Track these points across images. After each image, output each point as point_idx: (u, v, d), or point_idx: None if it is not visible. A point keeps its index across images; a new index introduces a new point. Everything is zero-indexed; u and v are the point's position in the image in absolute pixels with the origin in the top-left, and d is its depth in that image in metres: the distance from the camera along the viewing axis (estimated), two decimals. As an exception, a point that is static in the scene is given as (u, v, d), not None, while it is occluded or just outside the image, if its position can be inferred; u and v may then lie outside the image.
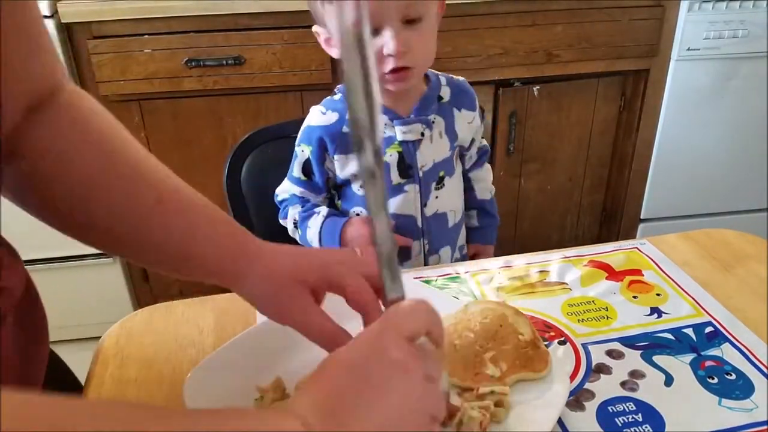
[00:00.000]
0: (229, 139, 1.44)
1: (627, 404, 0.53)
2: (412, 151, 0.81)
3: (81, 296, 1.57)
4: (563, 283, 0.70)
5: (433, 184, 0.84)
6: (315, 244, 0.82)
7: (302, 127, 0.83)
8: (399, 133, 0.80)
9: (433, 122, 0.82)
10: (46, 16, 1.27)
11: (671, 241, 0.77)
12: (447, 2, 0.78)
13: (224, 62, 1.35)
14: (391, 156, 0.81)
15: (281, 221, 0.87)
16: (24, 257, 1.54)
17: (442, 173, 0.84)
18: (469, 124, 0.86)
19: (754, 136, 1.64)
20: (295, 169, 0.85)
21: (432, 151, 0.82)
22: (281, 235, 0.94)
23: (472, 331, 0.57)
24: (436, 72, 0.85)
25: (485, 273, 0.72)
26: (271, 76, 1.38)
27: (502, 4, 1.38)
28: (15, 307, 0.49)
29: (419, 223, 0.84)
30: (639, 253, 0.75)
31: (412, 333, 0.38)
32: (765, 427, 0.51)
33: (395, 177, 0.81)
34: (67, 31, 1.31)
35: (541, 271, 0.72)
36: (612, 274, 0.71)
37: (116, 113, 1.52)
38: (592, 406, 0.53)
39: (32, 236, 1.60)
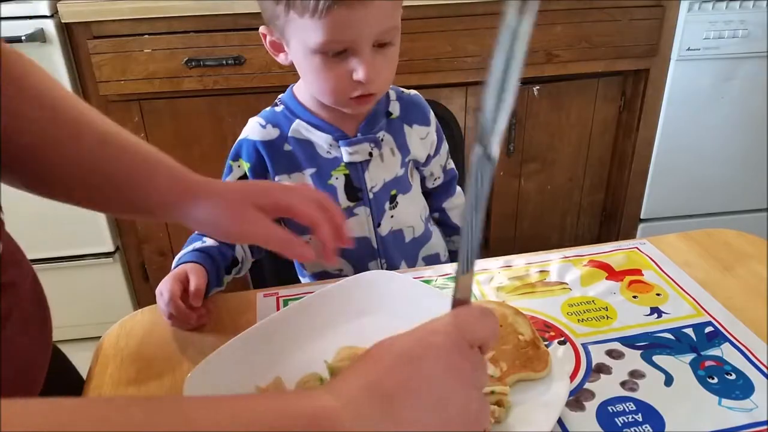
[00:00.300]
0: (228, 139, 1.43)
1: (627, 404, 0.53)
2: (360, 172, 0.76)
3: (81, 296, 1.57)
4: (563, 283, 0.70)
5: (387, 204, 0.79)
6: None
7: (238, 140, 0.77)
8: (345, 154, 0.75)
9: (382, 140, 0.77)
10: (46, 16, 1.28)
11: (671, 241, 0.77)
12: (447, 2, 0.77)
13: (224, 62, 1.35)
14: (337, 179, 0.76)
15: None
16: (24, 257, 1.47)
17: (394, 192, 0.80)
18: (422, 140, 0.81)
19: (754, 136, 1.64)
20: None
21: (382, 171, 0.78)
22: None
23: (472, 331, 0.57)
24: (391, 87, 0.80)
25: (485, 273, 0.72)
26: (271, 77, 1.38)
27: (502, 4, 1.38)
28: (21, 303, 0.50)
29: (374, 244, 0.80)
30: (639, 253, 0.75)
31: (476, 341, 0.38)
32: (765, 427, 0.51)
33: (343, 200, 0.77)
34: (67, 31, 1.32)
35: (541, 271, 0.72)
36: (612, 274, 0.71)
37: (116, 113, 1.53)
38: (592, 406, 0.53)
39: (33, 236, 1.60)
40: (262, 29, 0.72)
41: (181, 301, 0.63)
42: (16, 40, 1.25)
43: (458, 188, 0.91)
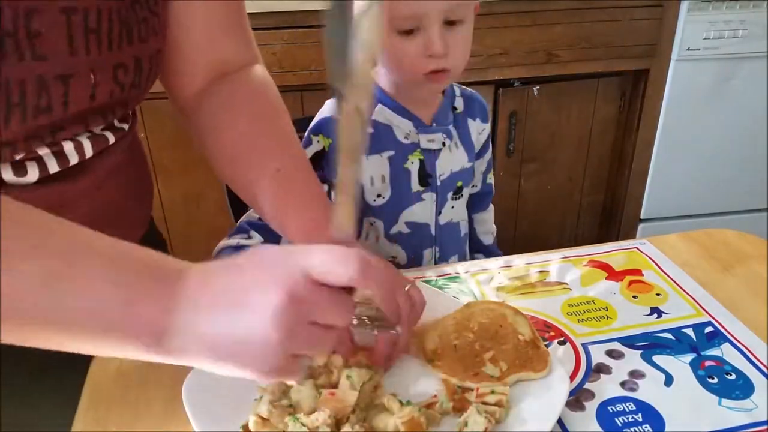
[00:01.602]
0: (229, 139, 1.43)
1: (627, 404, 0.53)
2: (432, 160, 0.81)
3: (81, 296, 1.57)
4: (563, 283, 0.70)
5: (450, 194, 0.84)
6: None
7: (320, 116, 0.81)
8: (423, 140, 0.79)
9: (452, 132, 0.82)
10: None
11: (671, 241, 0.77)
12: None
13: (224, 62, 1.35)
14: (413, 163, 0.80)
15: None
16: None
17: (460, 183, 0.84)
18: (479, 135, 0.87)
19: (754, 136, 1.64)
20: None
21: (450, 161, 0.82)
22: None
23: (471, 331, 0.57)
24: (455, 83, 0.85)
25: (485, 273, 0.72)
26: (271, 76, 1.38)
27: (502, 4, 1.39)
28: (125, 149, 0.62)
29: (432, 232, 0.84)
30: (639, 253, 0.75)
31: (326, 281, 0.38)
32: (765, 427, 0.51)
33: (415, 185, 0.81)
34: (67, 31, 1.31)
35: (540, 271, 0.72)
36: (612, 274, 0.71)
37: (117, 113, 1.46)
38: (592, 406, 0.53)
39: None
40: None
41: None
42: (17, 40, 1.25)
43: (491, 206, 0.96)
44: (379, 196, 0.81)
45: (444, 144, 0.81)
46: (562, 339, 0.61)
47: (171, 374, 0.57)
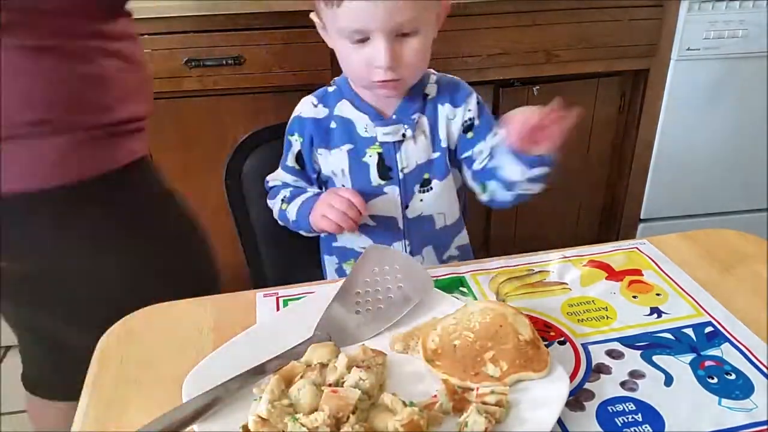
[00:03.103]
0: (229, 138, 1.43)
1: (627, 404, 0.53)
2: (392, 152, 0.80)
3: (81, 296, 1.57)
4: (563, 283, 0.70)
5: (417, 186, 0.82)
6: (291, 214, 0.83)
7: (293, 116, 0.84)
8: (379, 134, 0.79)
9: (417, 122, 0.80)
10: (46, 16, 1.28)
11: (671, 241, 0.77)
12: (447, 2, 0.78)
13: (224, 62, 1.35)
14: (371, 157, 0.80)
15: (269, 202, 0.88)
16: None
17: (427, 175, 0.82)
18: (450, 120, 0.81)
19: (754, 136, 1.64)
20: (289, 159, 0.85)
21: (415, 152, 0.81)
22: (281, 235, 0.95)
23: (471, 331, 0.57)
24: (434, 71, 0.83)
25: (485, 273, 0.72)
26: (271, 76, 1.38)
27: (502, 4, 1.38)
28: None
29: (400, 225, 0.83)
30: (639, 253, 0.75)
31: None
32: (765, 427, 0.51)
33: (375, 178, 0.81)
34: (67, 31, 1.32)
35: (540, 271, 0.72)
36: (612, 274, 0.71)
37: (116, 113, 1.45)
38: (591, 406, 0.53)
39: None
40: (312, 15, 0.78)
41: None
42: (17, 40, 1.25)
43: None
44: (342, 186, 0.83)
45: (404, 136, 0.79)
46: (562, 339, 0.61)
47: (171, 374, 0.57)
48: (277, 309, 0.67)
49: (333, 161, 0.82)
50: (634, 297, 0.67)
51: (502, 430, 0.50)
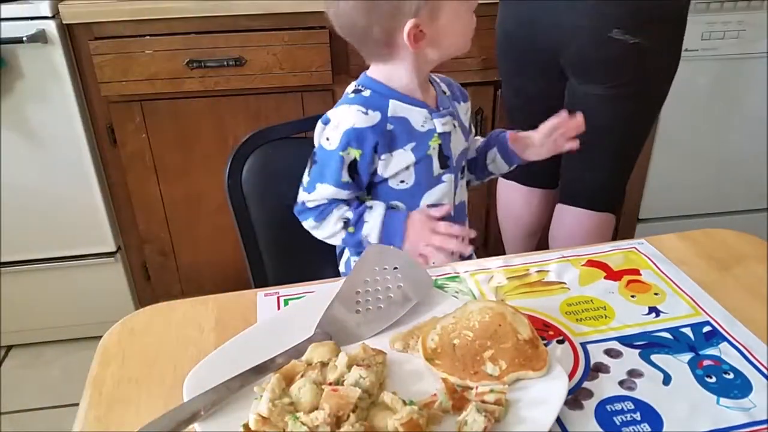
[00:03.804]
0: (230, 139, 1.44)
1: (625, 403, 0.54)
2: (447, 142, 0.84)
3: (82, 296, 1.57)
4: (562, 283, 0.70)
5: (460, 173, 0.88)
6: (373, 238, 0.81)
7: (343, 130, 0.79)
8: (438, 125, 0.82)
9: (455, 113, 0.86)
10: (47, 17, 1.28)
11: (669, 240, 0.77)
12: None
13: (225, 63, 1.35)
14: (433, 148, 0.83)
15: (313, 224, 0.84)
16: (26, 257, 1.57)
17: (464, 163, 0.89)
18: (465, 115, 0.90)
19: (752, 136, 1.64)
20: (343, 174, 0.80)
21: (458, 141, 0.86)
22: (281, 235, 0.95)
23: (471, 330, 0.57)
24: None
25: (484, 272, 0.72)
26: (272, 77, 1.39)
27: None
28: None
29: (451, 212, 0.87)
30: (637, 253, 0.75)
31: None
32: (763, 426, 0.51)
33: (436, 168, 0.83)
34: (68, 31, 1.32)
35: (539, 271, 0.72)
36: (610, 273, 0.72)
37: (118, 114, 1.54)
38: (590, 405, 0.54)
39: (34, 236, 1.61)
40: (408, 27, 0.75)
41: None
42: (18, 40, 1.26)
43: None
44: (402, 182, 0.83)
45: (454, 125, 0.84)
46: (560, 338, 0.61)
47: (171, 373, 0.58)
48: (278, 308, 0.67)
49: (396, 162, 0.81)
50: (633, 296, 0.68)
51: (502, 429, 0.50)
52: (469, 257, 0.83)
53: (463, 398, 0.52)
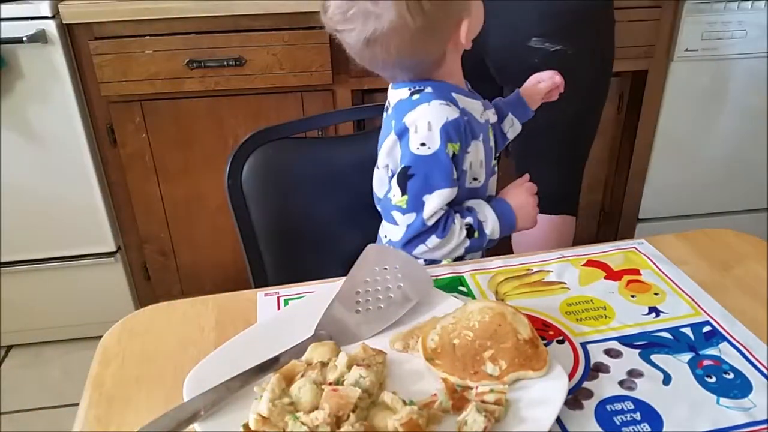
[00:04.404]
0: (230, 139, 1.44)
1: (625, 403, 0.54)
2: (494, 132, 0.86)
3: (82, 296, 1.57)
4: (562, 283, 0.70)
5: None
6: (496, 235, 0.82)
7: (439, 127, 0.73)
8: (490, 116, 0.84)
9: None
10: (47, 17, 1.28)
11: (669, 240, 0.77)
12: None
13: (225, 63, 1.35)
14: (491, 140, 0.84)
15: (439, 243, 0.77)
16: (26, 257, 1.57)
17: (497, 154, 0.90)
18: None
19: (752, 136, 1.64)
20: (453, 172, 0.76)
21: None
22: (281, 235, 0.95)
23: (471, 330, 0.57)
24: None
25: (484, 272, 0.72)
26: (272, 77, 1.39)
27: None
28: None
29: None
30: (637, 253, 0.75)
31: None
32: (763, 426, 0.51)
33: (492, 159, 0.85)
34: (68, 31, 1.32)
35: (539, 271, 0.72)
36: (610, 273, 0.72)
37: (118, 114, 1.54)
38: (590, 405, 0.54)
39: (34, 236, 1.61)
40: (464, 27, 0.73)
41: None
42: (18, 41, 1.26)
43: None
44: (474, 179, 0.83)
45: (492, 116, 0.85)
46: (560, 338, 0.61)
47: (171, 373, 0.58)
48: (278, 308, 0.67)
49: (472, 155, 0.80)
50: (633, 296, 0.68)
51: (501, 429, 0.50)
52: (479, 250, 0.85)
53: (463, 398, 0.52)
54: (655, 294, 0.68)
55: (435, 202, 0.76)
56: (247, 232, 0.96)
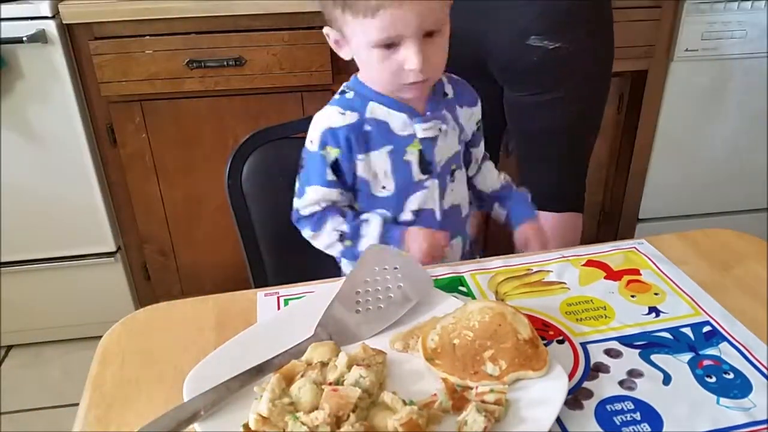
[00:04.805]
0: (230, 139, 1.44)
1: (625, 403, 0.54)
2: (431, 147, 0.82)
3: (82, 296, 1.57)
4: (562, 283, 0.70)
5: (448, 177, 0.86)
6: None
7: (320, 130, 0.80)
8: (419, 130, 0.81)
9: (447, 118, 0.84)
10: (47, 17, 1.28)
11: (669, 240, 0.77)
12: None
13: (225, 63, 1.35)
14: (412, 154, 0.82)
15: (311, 234, 0.84)
16: (26, 257, 1.57)
17: (454, 167, 0.87)
18: (469, 119, 0.88)
19: (752, 136, 1.64)
20: (328, 173, 0.81)
21: (446, 146, 0.84)
22: (281, 235, 0.95)
23: (471, 330, 0.57)
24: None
25: (484, 273, 0.72)
26: (272, 77, 1.39)
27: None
28: None
29: (438, 216, 0.86)
30: (637, 253, 0.75)
31: None
32: (763, 426, 0.52)
33: (416, 174, 0.83)
34: (68, 31, 1.32)
35: (539, 271, 0.72)
36: (610, 273, 0.72)
37: (118, 114, 1.54)
38: (590, 405, 0.54)
39: (34, 236, 1.61)
40: (325, 30, 0.79)
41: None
42: (18, 41, 1.26)
43: (487, 163, 0.96)
44: (383, 188, 0.83)
45: (440, 131, 0.82)
46: (560, 338, 0.61)
47: (171, 373, 0.58)
48: (278, 308, 0.67)
49: (373, 164, 0.82)
50: (633, 296, 0.68)
51: (502, 429, 0.50)
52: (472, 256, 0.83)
53: (463, 398, 0.52)
54: (655, 294, 0.68)
55: (309, 195, 0.82)
56: (247, 232, 0.96)
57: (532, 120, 1.08)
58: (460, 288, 0.70)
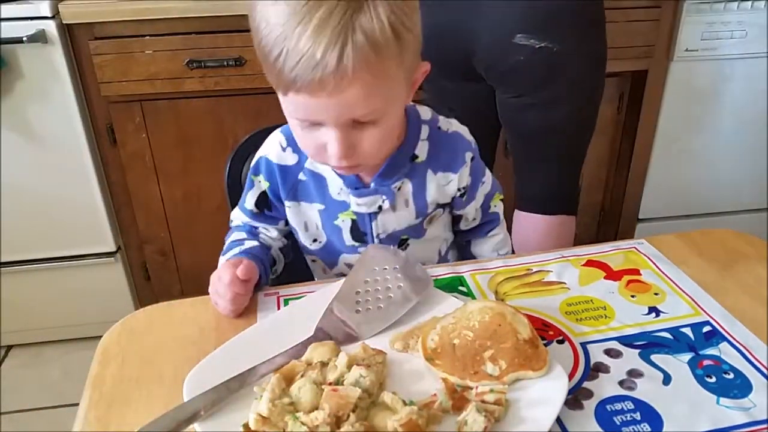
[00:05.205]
0: (230, 139, 1.44)
1: (625, 403, 0.54)
2: (367, 221, 0.74)
3: (82, 296, 1.57)
4: (562, 283, 0.70)
5: (393, 246, 0.77)
6: None
7: (259, 155, 0.74)
8: (353, 203, 0.72)
9: (399, 189, 0.72)
10: (47, 17, 1.28)
11: (669, 240, 0.77)
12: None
13: (225, 63, 1.35)
14: (343, 221, 0.74)
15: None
16: (26, 257, 1.57)
17: (405, 237, 0.77)
18: (443, 187, 0.75)
19: (752, 136, 1.64)
20: (248, 200, 0.76)
21: (393, 221, 0.74)
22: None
23: (471, 330, 0.57)
24: (425, 119, 0.74)
25: (484, 273, 0.72)
26: (272, 77, 1.38)
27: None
28: None
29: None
30: (637, 253, 0.75)
31: None
32: (763, 426, 0.51)
33: (348, 239, 0.75)
34: (68, 31, 1.32)
35: (539, 271, 0.72)
36: (610, 273, 0.72)
37: (118, 114, 1.54)
38: (590, 405, 0.54)
39: (34, 236, 1.60)
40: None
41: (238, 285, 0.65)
42: (18, 41, 1.26)
43: (495, 233, 0.86)
44: (315, 240, 0.77)
45: (380, 208, 0.72)
46: (560, 338, 0.61)
47: (171, 374, 0.58)
48: (278, 308, 0.67)
49: (303, 215, 0.76)
50: (633, 296, 0.68)
51: (502, 429, 0.50)
52: None
53: (463, 398, 0.52)
54: (655, 294, 0.68)
55: (235, 213, 0.81)
56: (247, 232, 0.96)
57: (523, 121, 1.06)
58: (460, 288, 0.70)
